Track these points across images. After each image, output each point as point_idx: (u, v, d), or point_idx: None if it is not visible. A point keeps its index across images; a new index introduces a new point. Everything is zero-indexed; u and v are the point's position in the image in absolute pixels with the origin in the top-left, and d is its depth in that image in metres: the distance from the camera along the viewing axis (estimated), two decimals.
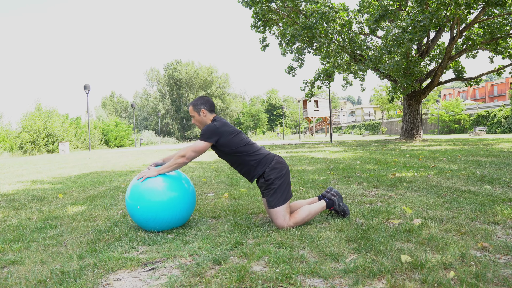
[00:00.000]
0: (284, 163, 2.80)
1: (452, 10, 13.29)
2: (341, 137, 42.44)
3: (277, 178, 2.70)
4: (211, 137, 2.67)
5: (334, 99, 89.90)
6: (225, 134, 2.69)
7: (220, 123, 2.74)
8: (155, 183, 2.63)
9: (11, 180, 6.70)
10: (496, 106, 37.77)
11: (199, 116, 2.82)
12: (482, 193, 3.63)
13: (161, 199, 2.59)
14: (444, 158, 7.49)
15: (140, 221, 2.66)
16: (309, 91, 20.59)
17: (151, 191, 2.60)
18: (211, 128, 2.68)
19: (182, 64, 68.50)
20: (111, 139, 35.44)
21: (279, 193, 2.67)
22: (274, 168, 2.72)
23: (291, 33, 16.78)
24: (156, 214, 2.58)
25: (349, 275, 1.77)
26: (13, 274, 1.95)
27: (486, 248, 2.07)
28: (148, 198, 2.58)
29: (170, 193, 2.62)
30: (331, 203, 2.87)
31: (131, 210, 2.64)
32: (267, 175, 2.71)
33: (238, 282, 1.74)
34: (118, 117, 60.23)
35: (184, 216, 2.74)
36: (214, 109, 2.88)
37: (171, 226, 2.69)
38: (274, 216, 2.66)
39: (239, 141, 2.72)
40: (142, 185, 2.62)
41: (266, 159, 2.75)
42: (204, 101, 2.84)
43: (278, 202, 2.65)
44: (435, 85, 17.55)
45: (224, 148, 2.72)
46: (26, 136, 23.85)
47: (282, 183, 2.69)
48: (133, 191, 2.65)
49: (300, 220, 2.68)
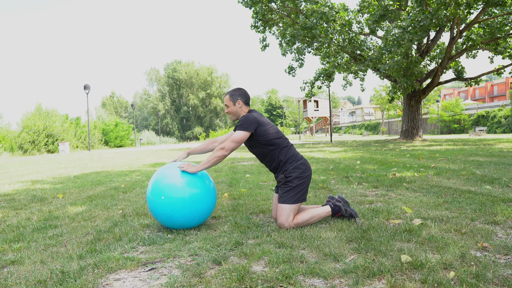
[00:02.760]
0: (308, 166, 2.81)
1: (452, 10, 13.29)
2: (341, 137, 42.44)
3: (297, 178, 2.71)
4: (250, 127, 2.68)
5: (334, 99, 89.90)
6: (263, 124, 2.72)
7: (257, 114, 2.78)
8: (177, 179, 2.61)
9: (11, 180, 6.70)
10: (496, 106, 37.79)
11: (234, 106, 2.83)
12: (482, 193, 3.63)
13: (183, 195, 2.57)
14: (444, 158, 7.49)
15: (161, 216, 2.63)
16: (309, 91, 20.58)
17: (174, 186, 2.59)
18: (250, 118, 2.70)
19: (182, 64, 68.49)
20: (111, 139, 35.44)
21: (293, 192, 2.67)
22: (297, 167, 2.74)
23: (291, 33, 16.77)
24: (178, 210, 2.56)
25: (349, 275, 1.77)
26: (13, 274, 1.95)
27: (486, 248, 2.07)
28: (170, 193, 2.57)
29: (192, 190, 2.60)
30: (337, 209, 2.83)
31: (154, 203, 2.60)
32: (289, 172, 2.73)
33: (238, 282, 1.74)
34: (118, 117, 60.22)
35: (205, 215, 2.73)
36: (249, 102, 2.91)
37: (192, 224, 2.68)
38: (279, 212, 2.66)
39: (274, 133, 2.76)
40: (164, 180, 2.62)
41: (295, 157, 2.78)
42: (241, 92, 2.86)
43: (289, 199, 2.66)
44: (435, 85, 17.55)
45: (261, 138, 2.72)
46: (26, 136, 23.85)
47: (300, 184, 2.70)
48: (155, 186, 2.63)
49: (302, 222, 2.67)
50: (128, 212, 3.39)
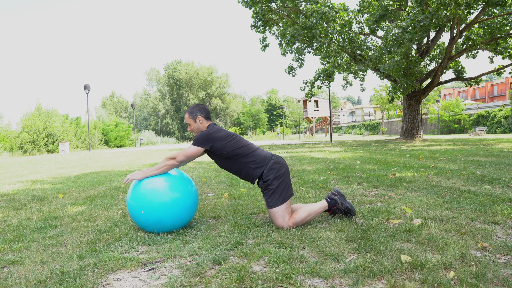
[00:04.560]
0: (282, 163, 2.79)
1: (452, 10, 13.29)
2: (341, 137, 42.44)
3: (275, 178, 2.69)
4: (204, 143, 2.68)
5: (334, 99, 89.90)
6: (219, 139, 2.69)
7: (213, 129, 2.75)
8: (157, 184, 2.60)
9: (11, 180, 6.70)
10: (496, 106, 37.78)
11: (195, 123, 2.83)
12: (482, 193, 3.63)
13: (163, 200, 2.56)
14: (444, 158, 7.49)
15: (143, 224, 2.64)
16: (309, 91, 20.59)
17: (154, 192, 2.57)
18: (205, 134, 2.69)
19: (182, 64, 68.52)
20: (111, 139, 35.44)
21: (277, 193, 2.66)
22: (272, 168, 2.71)
23: (291, 33, 16.78)
24: (159, 216, 2.55)
25: (349, 275, 1.77)
26: (13, 274, 1.95)
27: (486, 248, 2.07)
28: (150, 199, 2.55)
29: (172, 194, 2.59)
30: (332, 203, 2.82)
31: (134, 213, 2.62)
32: (266, 176, 2.70)
33: (238, 282, 1.74)
34: (118, 117, 60.22)
35: (187, 218, 2.71)
36: (210, 116, 2.90)
37: (172, 228, 2.66)
38: (273, 216, 2.66)
39: (234, 144, 2.72)
40: (144, 187, 2.59)
41: (264, 160, 2.74)
42: (200, 108, 2.85)
43: (277, 202, 2.65)
44: (435, 85, 17.55)
45: (220, 153, 2.71)
46: (26, 136, 23.84)
47: (280, 183, 2.69)
48: (134, 192, 2.62)
49: (300, 221, 2.67)
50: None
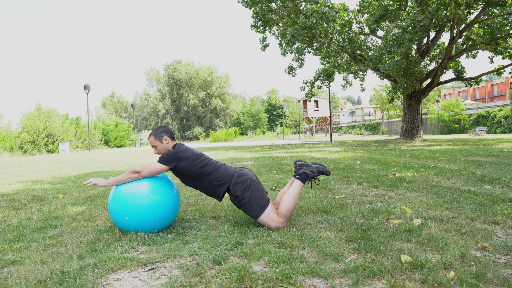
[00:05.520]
0: (246, 174, 2.78)
1: (452, 10, 13.29)
2: (341, 137, 42.44)
3: (244, 191, 2.69)
4: (170, 162, 2.69)
5: (334, 99, 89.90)
6: (184, 159, 2.71)
7: (180, 148, 2.76)
8: (139, 187, 2.64)
9: (11, 180, 6.70)
10: (496, 106, 37.80)
11: (162, 144, 2.83)
12: (482, 193, 3.63)
13: (145, 202, 2.60)
14: (444, 158, 7.49)
15: (122, 225, 2.68)
16: (309, 91, 20.59)
17: (135, 195, 2.61)
18: (171, 153, 2.71)
19: (182, 64, 68.54)
20: (111, 139, 35.44)
21: (254, 204, 2.66)
22: (236, 183, 2.72)
23: (291, 33, 16.78)
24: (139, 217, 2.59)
25: (349, 275, 1.77)
26: (13, 274, 1.95)
27: (486, 248, 2.07)
28: (131, 202, 2.59)
29: (153, 196, 2.63)
30: (304, 176, 2.81)
31: (115, 217, 2.65)
32: (234, 192, 2.71)
33: (238, 282, 1.74)
34: (118, 117, 60.25)
35: (168, 220, 2.73)
36: (174, 136, 2.91)
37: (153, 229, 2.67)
38: (264, 224, 2.67)
39: (198, 163, 2.73)
40: (126, 190, 2.63)
41: (227, 176, 2.75)
42: (164, 129, 2.87)
43: (259, 212, 2.65)
44: (435, 85, 17.55)
45: (185, 172, 2.74)
46: (26, 136, 23.85)
47: (251, 194, 2.68)
48: (115, 195, 2.65)
49: (287, 212, 2.67)
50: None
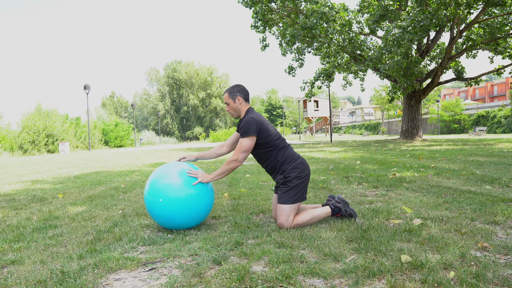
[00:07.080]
0: (306, 166, 2.82)
1: (452, 10, 13.29)
2: (341, 137, 42.44)
3: (296, 178, 2.71)
4: (254, 130, 2.66)
5: (334, 99, 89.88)
6: (264, 124, 2.72)
7: (256, 115, 2.77)
8: (175, 179, 2.61)
9: (11, 180, 6.70)
10: (496, 106, 37.80)
11: (234, 103, 2.82)
12: (482, 193, 3.63)
13: (179, 195, 2.57)
14: (444, 158, 7.49)
15: (159, 217, 2.63)
16: (309, 91, 20.59)
17: (171, 186, 2.58)
18: (251, 122, 2.68)
19: (182, 64, 68.49)
20: (111, 139, 35.44)
21: (293, 192, 2.68)
22: (296, 167, 2.74)
23: (291, 33, 16.77)
24: (177, 211, 2.56)
25: (349, 275, 1.77)
26: (13, 274, 1.95)
27: (486, 248, 2.07)
28: (166, 194, 2.56)
29: (188, 190, 2.60)
30: (337, 210, 2.83)
31: (152, 203, 2.60)
32: (288, 172, 2.73)
33: (238, 282, 1.74)
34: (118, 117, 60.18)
35: (203, 215, 2.73)
36: (249, 98, 2.90)
37: (188, 224, 2.67)
38: (280, 213, 2.66)
39: (275, 134, 2.77)
40: (161, 181, 2.61)
41: (292, 157, 2.78)
42: (240, 89, 2.85)
43: (289, 199, 2.66)
44: (435, 85, 17.55)
45: (262, 140, 2.72)
46: (26, 136, 23.85)
47: (299, 184, 2.70)
48: (152, 186, 2.63)
49: (302, 223, 2.67)
50: (128, 212, 3.39)
